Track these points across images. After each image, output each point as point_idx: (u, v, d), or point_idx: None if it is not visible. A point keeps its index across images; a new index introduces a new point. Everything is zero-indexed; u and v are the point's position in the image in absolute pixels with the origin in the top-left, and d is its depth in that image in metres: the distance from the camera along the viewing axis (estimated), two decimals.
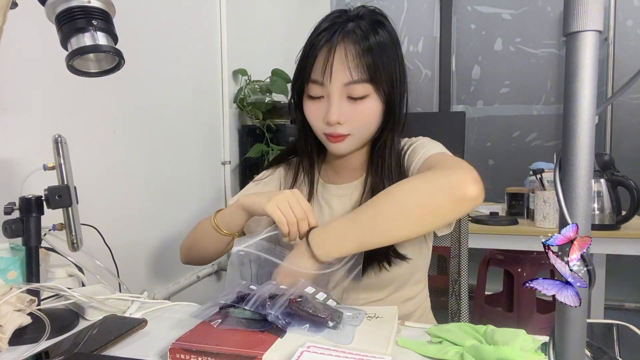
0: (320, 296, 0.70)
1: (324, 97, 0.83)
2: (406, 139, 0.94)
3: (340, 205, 0.93)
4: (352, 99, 0.82)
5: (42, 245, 0.77)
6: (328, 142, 0.87)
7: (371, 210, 0.73)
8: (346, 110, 0.82)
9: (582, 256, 0.40)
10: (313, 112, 0.85)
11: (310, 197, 0.95)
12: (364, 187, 0.91)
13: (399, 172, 0.88)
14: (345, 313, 0.67)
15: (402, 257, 0.88)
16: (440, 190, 0.71)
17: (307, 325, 0.63)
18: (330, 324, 0.63)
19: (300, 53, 0.86)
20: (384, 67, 0.81)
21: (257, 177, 1.02)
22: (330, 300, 0.70)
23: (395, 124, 0.87)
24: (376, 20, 0.83)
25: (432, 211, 0.71)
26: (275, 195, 0.78)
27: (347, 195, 0.93)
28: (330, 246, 0.73)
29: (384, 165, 0.87)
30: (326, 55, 0.80)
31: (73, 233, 0.77)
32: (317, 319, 0.63)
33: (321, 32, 0.82)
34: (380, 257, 0.86)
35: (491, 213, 1.96)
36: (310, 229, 0.77)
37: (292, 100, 0.91)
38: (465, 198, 0.70)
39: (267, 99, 1.94)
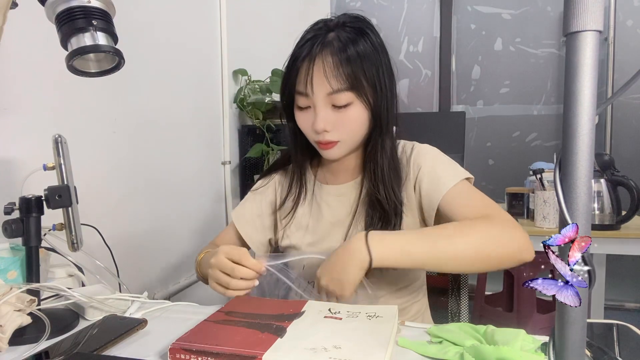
0: None
1: (311, 107, 0.85)
2: (403, 142, 0.95)
3: (339, 204, 0.94)
4: (337, 107, 0.84)
5: (42, 245, 0.77)
6: (320, 149, 0.89)
7: (442, 232, 0.78)
8: (332, 119, 0.84)
9: (582, 256, 0.40)
10: (303, 121, 0.88)
11: (300, 199, 0.97)
12: (360, 187, 0.93)
13: (395, 175, 0.89)
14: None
15: None
16: (507, 247, 0.77)
17: None
18: None
19: (285, 64, 0.87)
20: (365, 74, 0.82)
21: (254, 187, 1.05)
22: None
23: (384, 128, 0.88)
24: (357, 28, 0.85)
25: (491, 259, 0.77)
26: (210, 270, 0.77)
27: (346, 195, 0.95)
28: (388, 250, 0.74)
29: (376, 168, 0.89)
30: (306, 67, 0.83)
31: (73, 233, 0.77)
32: None
33: (304, 44, 0.84)
34: None
35: None
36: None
37: (284, 110, 0.93)
38: (520, 261, 0.77)
39: (267, 99, 1.94)
